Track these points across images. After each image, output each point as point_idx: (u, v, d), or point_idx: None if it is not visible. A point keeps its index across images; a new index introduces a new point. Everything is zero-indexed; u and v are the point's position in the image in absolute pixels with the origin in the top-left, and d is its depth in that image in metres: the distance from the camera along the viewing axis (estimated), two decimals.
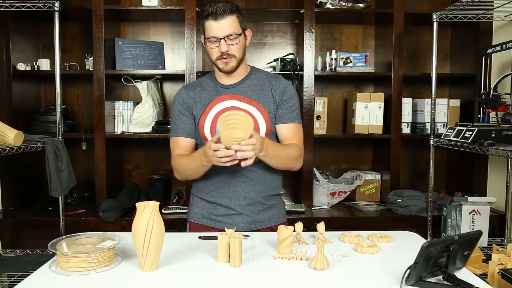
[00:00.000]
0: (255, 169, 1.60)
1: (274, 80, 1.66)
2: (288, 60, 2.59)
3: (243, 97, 1.61)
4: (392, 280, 1.12)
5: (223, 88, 1.63)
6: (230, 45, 1.53)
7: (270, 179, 1.66)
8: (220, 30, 1.51)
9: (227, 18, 1.51)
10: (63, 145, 2.01)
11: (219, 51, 1.54)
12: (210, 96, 1.62)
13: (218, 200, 1.62)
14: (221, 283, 1.11)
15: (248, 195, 1.61)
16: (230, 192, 1.61)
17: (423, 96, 2.81)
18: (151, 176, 2.78)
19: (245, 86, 1.63)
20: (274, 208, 1.68)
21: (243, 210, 1.61)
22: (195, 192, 1.71)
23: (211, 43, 1.54)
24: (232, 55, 1.55)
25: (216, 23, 1.51)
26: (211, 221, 1.64)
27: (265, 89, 1.63)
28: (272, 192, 1.67)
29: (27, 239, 2.33)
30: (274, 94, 1.63)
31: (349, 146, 2.95)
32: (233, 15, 1.52)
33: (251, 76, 1.66)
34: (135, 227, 1.16)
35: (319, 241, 1.20)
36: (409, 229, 1.77)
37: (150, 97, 2.64)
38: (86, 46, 2.76)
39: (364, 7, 2.62)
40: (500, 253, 1.78)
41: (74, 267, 1.16)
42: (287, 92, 1.64)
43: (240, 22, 1.55)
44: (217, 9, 1.50)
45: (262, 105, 1.60)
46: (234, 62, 1.57)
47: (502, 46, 2.19)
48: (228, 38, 1.52)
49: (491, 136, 1.85)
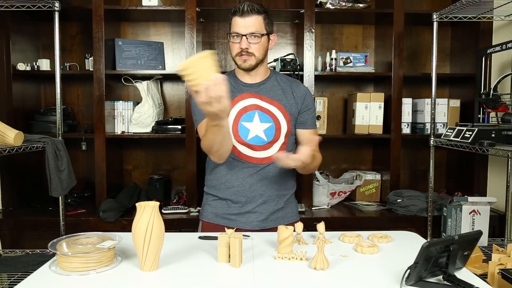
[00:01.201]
0: (271, 167, 1.62)
1: (295, 84, 1.70)
2: (288, 60, 2.59)
3: (264, 97, 1.63)
4: (392, 280, 1.12)
5: (245, 86, 1.65)
6: (250, 43, 1.55)
7: (285, 179, 1.68)
8: (243, 27, 1.54)
9: (252, 17, 1.54)
10: (63, 145, 2.01)
11: (239, 48, 1.56)
12: (233, 93, 1.63)
13: (233, 197, 1.63)
14: (221, 283, 1.11)
15: (264, 193, 1.63)
16: (246, 190, 1.62)
17: (423, 96, 2.82)
18: (151, 176, 2.78)
19: (266, 87, 1.66)
20: (287, 207, 1.70)
21: (258, 208, 1.63)
22: (209, 191, 1.71)
23: (234, 38, 1.57)
24: (252, 53, 1.57)
25: (241, 19, 1.54)
26: (225, 220, 1.64)
27: (287, 91, 1.67)
28: (287, 192, 1.70)
29: (27, 239, 2.33)
30: (296, 97, 1.66)
31: (349, 146, 2.95)
32: (259, 15, 1.56)
33: (272, 78, 1.69)
34: (135, 227, 1.16)
35: (319, 241, 1.20)
36: (409, 229, 1.77)
37: (150, 97, 2.64)
38: (86, 46, 2.76)
39: (364, 7, 2.62)
40: (500, 253, 1.78)
41: (74, 267, 1.16)
42: (307, 98, 1.69)
43: (266, 24, 1.58)
44: (244, 7, 1.54)
45: (284, 106, 1.63)
46: (253, 61, 1.58)
47: (502, 46, 2.19)
48: (250, 36, 1.54)
49: (491, 136, 1.85)
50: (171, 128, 2.57)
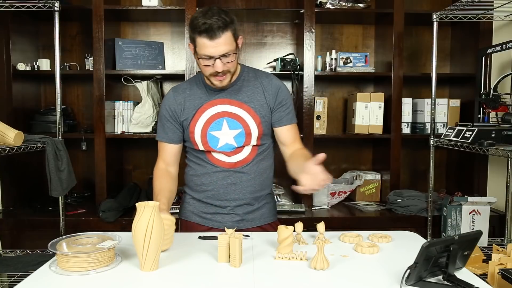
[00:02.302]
0: (246, 172, 1.60)
1: (266, 80, 1.60)
2: (288, 60, 2.59)
3: (234, 101, 1.56)
4: (392, 280, 1.12)
5: (213, 91, 1.57)
6: (225, 63, 1.44)
7: (261, 181, 1.64)
8: (215, 49, 1.40)
9: (223, 36, 1.39)
10: (63, 145, 2.01)
11: (213, 69, 1.45)
12: (200, 101, 1.57)
13: (208, 200, 1.63)
14: (221, 283, 1.11)
15: (238, 197, 1.61)
16: (220, 194, 1.61)
17: (423, 96, 2.81)
18: (151, 176, 2.73)
19: (235, 88, 1.57)
20: (263, 208, 1.68)
21: (232, 210, 1.62)
22: (187, 190, 1.72)
23: (205, 60, 1.43)
24: (227, 71, 1.47)
25: (211, 42, 1.39)
26: (201, 219, 1.65)
27: (257, 91, 1.58)
28: (262, 193, 1.67)
29: (27, 239, 2.33)
30: (267, 96, 1.58)
31: (349, 146, 2.95)
32: (227, 31, 1.40)
33: (241, 78, 1.59)
34: (135, 227, 1.16)
35: (319, 241, 1.20)
36: (409, 229, 1.77)
37: (150, 97, 2.64)
38: (86, 46, 2.76)
39: (364, 7, 2.61)
40: (500, 253, 1.78)
41: (74, 267, 1.16)
42: (280, 94, 1.59)
43: (234, 35, 1.43)
44: (212, 27, 1.37)
45: (254, 108, 1.56)
46: (228, 78, 1.50)
47: (502, 46, 2.19)
48: (224, 57, 1.42)
49: (491, 136, 1.85)
50: None
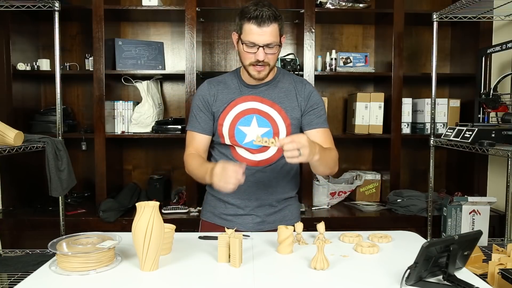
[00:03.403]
0: (267, 173, 1.60)
1: (300, 85, 1.63)
2: (288, 60, 2.59)
3: (266, 100, 1.58)
4: (392, 280, 1.12)
5: (247, 88, 1.59)
6: (267, 54, 1.46)
7: (285, 183, 1.65)
8: (261, 37, 1.43)
9: (271, 26, 1.43)
10: (63, 145, 2.01)
11: (254, 58, 1.47)
12: (233, 95, 1.59)
13: (230, 199, 1.62)
14: (221, 283, 1.11)
15: (259, 197, 1.61)
16: (241, 193, 1.59)
17: (423, 96, 2.81)
18: (151, 176, 2.78)
19: (269, 88, 1.59)
20: (285, 210, 1.67)
21: (253, 211, 1.61)
22: (209, 190, 1.71)
23: (248, 47, 1.46)
24: (267, 63, 1.49)
25: (258, 29, 1.43)
26: (222, 220, 1.64)
27: (290, 93, 1.60)
28: (285, 195, 1.66)
29: (27, 239, 2.33)
30: (299, 99, 1.60)
31: (349, 146, 2.95)
32: (276, 22, 1.45)
33: (277, 79, 1.61)
34: (135, 227, 1.15)
35: (319, 241, 1.19)
36: (409, 229, 1.76)
37: (150, 97, 2.64)
38: (86, 46, 2.76)
39: (364, 7, 2.61)
40: (500, 253, 1.78)
41: (74, 267, 1.16)
42: (312, 98, 1.61)
43: (280, 30, 1.48)
44: (263, 15, 1.41)
45: (285, 109, 1.58)
46: (267, 71, 1.51)
47: (502, 46, 2.19)
48: (267, 47, 1.45)
49: (491, 136, 1.85)
50: (171, 128, 2.58)
